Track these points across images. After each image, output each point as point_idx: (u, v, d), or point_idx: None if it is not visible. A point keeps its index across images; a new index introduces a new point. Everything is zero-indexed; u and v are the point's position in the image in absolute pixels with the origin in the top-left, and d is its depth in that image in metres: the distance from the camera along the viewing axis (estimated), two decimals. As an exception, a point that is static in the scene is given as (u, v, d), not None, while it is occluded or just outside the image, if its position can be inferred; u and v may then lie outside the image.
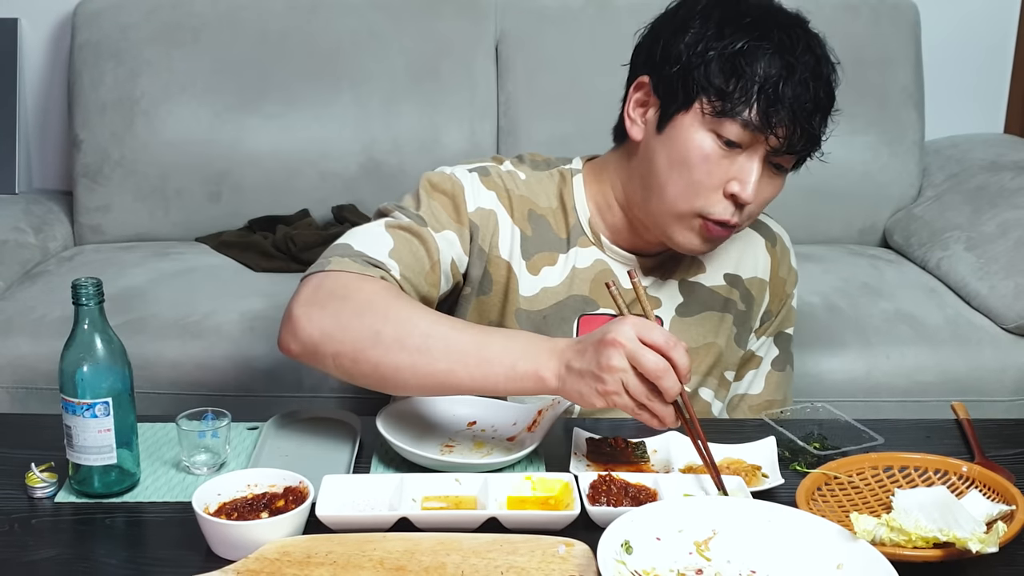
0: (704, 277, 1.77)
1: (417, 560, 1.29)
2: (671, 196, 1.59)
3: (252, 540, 1.30)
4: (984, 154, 3.06)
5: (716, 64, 1.53)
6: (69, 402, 1.41)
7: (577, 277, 1.71)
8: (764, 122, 1.52)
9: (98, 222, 2.97)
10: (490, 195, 1.68)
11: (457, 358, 1.46)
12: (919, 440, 1.64)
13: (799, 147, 1.56)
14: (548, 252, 1.71)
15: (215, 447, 1.53)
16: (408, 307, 1.51)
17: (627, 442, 1.57)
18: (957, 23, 3.25)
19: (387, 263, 1.58)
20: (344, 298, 1.51)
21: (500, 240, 1.69)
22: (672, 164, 1.58)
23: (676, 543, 1.30)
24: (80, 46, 2.97)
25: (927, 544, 1.28)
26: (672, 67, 1.56)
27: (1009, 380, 2.44)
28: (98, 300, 1.40)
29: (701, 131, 1.55)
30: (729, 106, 1.52)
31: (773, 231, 1.83)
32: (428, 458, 1.50)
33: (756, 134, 1.53)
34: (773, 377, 1.84)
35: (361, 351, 1.48)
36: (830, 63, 1.59)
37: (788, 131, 1.53)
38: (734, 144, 1.54)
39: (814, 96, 1.53)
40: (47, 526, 1.40)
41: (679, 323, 1.75)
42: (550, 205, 1.72)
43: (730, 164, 1.56)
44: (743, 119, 1.52)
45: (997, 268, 2.57)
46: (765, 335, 1.83)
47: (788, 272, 1.83)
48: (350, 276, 1.54)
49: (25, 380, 2.39)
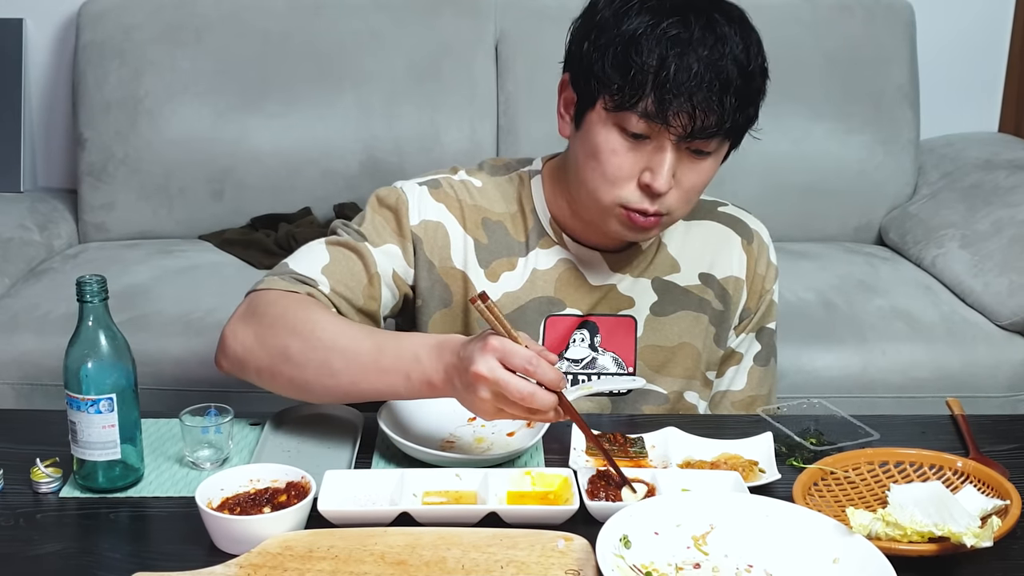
0: (678, 277, 1.75)
1: (418, 554, 1.29)
2: (591, 189, 1.57)
3: (255, 535, 1.30)
4: (979, 153, 3.06)
5: (610, 58, 1.50)
6: (74, 398, 1.41)
7: (539, 279, 1.70)
8: (660, 111, 1.47)
9: (102, 220, 2.97)
10: (439, 207, 1.68)
11: (357, 371, 1.49)
12: (914, 436, 1.64)
13: (713, 130, 1.50)
14: (506, 258, 1.70)
15: (218, 443, 1.53)
16: (316, 321, 1.53)
17: (625, 437, 1.57)
18: (952, 23, 3.25)
19: (317, 279, 1.61)
20: (263, 316, 1.56)
21: (452, 251, 1.69)
22: (587, 158, 1.57)
23: (674, 537, 1.30)
24: (84, 46, 2.97)
25: (922, 539, 1.29)
26: (580, 63, 1.56)
27: (1003, 376, 2.44)
28: (102, 297, 1.40)
29: (607, 126, 1.53)
30: (625, 99, 1.49)
31: (750, 228, 1.79)
32: (429, 453, 1.50)
33: (657, 124, 1.49)
34: (755, 372, 1.83)
35: (277, 367, 1.53)
36: (742, 39, 1.51)
37: (690, 116, 1.48)
38: (640, 135, 1.51)
39: (716, 77, 1.47)
40: (52, 520, 1.40)
41: (654, 322, 1.74)
42: (508, 210, 1.71)
43: (640, 155, 1.53)
44: (640, 111, 1.49)
45: (991, 265, 2.57)
46: (745, 332, 1.81)
47: (767, 268, 1.80)
48: (276, 294, 1.58)
49: (30, 376, 2.39)
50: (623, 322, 1.73)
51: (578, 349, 1.72)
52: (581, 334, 1.71)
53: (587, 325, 1.72)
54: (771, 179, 2.93)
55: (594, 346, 1.72)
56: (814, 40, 3.01)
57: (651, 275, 1.74)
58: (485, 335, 1.37)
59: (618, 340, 1.73)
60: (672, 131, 1.49)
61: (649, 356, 1.74)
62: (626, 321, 1.73)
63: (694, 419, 1.72)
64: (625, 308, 1.72)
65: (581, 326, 1.72)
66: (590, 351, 1.72)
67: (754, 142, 1.62)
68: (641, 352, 1.73)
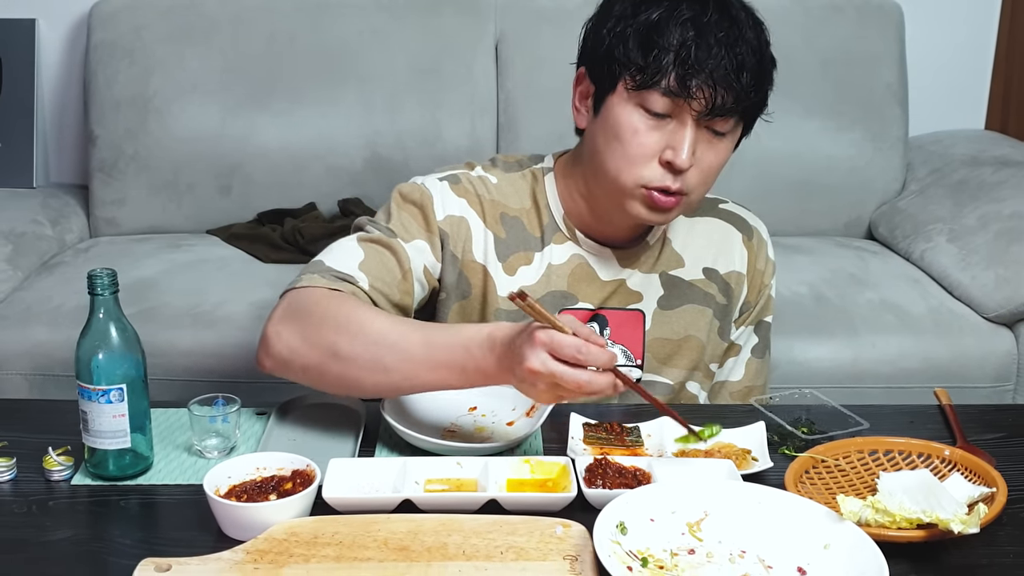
0: (683, 271, 1.76)
1: (420, 540, 1.29)
2: (612, 172, 1.59)
3: (261, 521, 1.30)
4: (966, 150, 3.05)
5: (632, 41, 1.54)
6: (85, 388, 1.41)
7: (554, 273, 1.71)
8: (683, 87, 1.51)
9: (113, 215, 2.97)
10: (461, 202, 1.69)
11: (410, 368, 1.47)
12: (903, 425, 1.64)
13: (729, 108, 1.54)
14: (523, 252, 1.71)
15: (225, 432, 1.53)
16: (363, 318, 1.51)
17: (622, 427, 1.57)
18: (940, 24, 3.24)
19: (356, 276, 1.60)
20: (309, 315, 1.54)
21: (473, 245, 1.69)
22: (608, 142, 1.58)
23: (669, 524, 1.30)
24: (95, 46, 2.96)
25: (911, 525, 1.29)
26: (598, 51, 1.59)
27: (990, 367, 2.44)
28: (113, 290, 1.40)
29: (628, 106, 1.56)
30: (647, 78, 1.52)
31: (750, 225, 1.82)
32: (431, 442, 1.50)
33: (678, 100, 1.52)
34: (752, 364, 1.84)
35: (325, 365, 1.51)
36: (752, 25, 1.56)
37: (711, 93, 1.51)
38: (661, 115, 1.54)
39: (733, 57, 1.52)
40: (64, 508, 1.40)
41: (661, 315, 1.75)
42: (523, 206, 1.72)
43: (661, 134, 1.55)
44: (662, 88, 1.52)
45: (978, 259, 2.56)
46: (745, 325, 1.83)
47: (766, 264, 1.82)
48: (319, 292, 1.56)
49: (43, 367, 2.38)
50: (632, 316, 1.74)
51: None
52: (592, 327, 1.71)
53: (598, 318, 1.73)
54: (765, 175, 2.92)
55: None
56: (806, 41, 3.01)
57: (658, 270, 1.75)
58: (532, 329, 1.36)
59: (627, 333, 1.74)
60: (694, 106, 1.52)
61: (657, 348, 1.75)
62: (635, 315, 1.74)
63: (689, 409, 1.72)
64: (634, 302, 1.74)
65: (592, 319, 1.73)
66: None
67: (748, 142, 1.63)
68: (649, 344, 1.74)
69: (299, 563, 1.25)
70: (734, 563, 1.27)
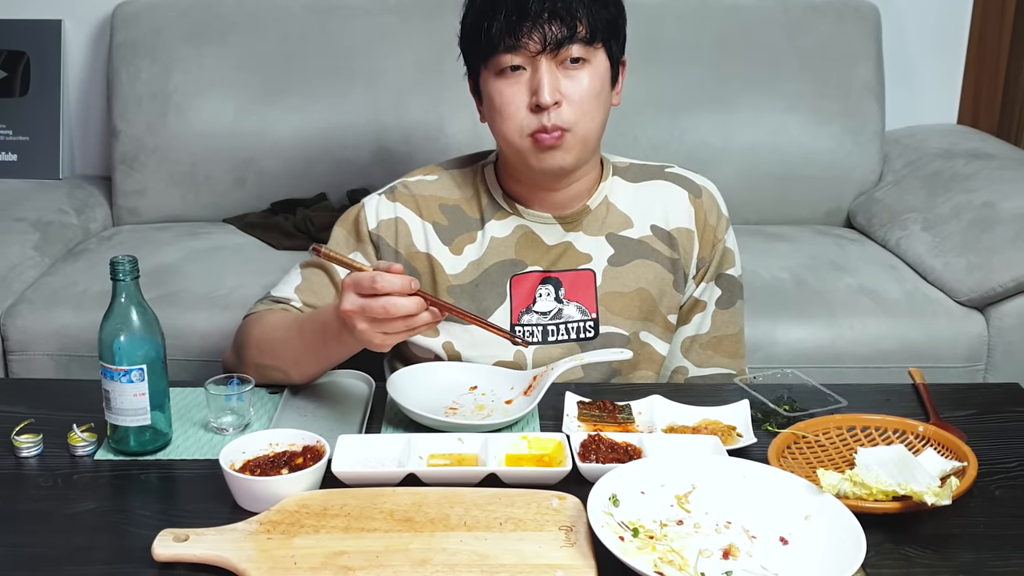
0: (632, 231, 1.77)
1: (424, 512, 1.29)
2: (505, 137, 1.65)
3: (274, 494, 1.30)
4: (939, 143, 3.04)
5: (472, 28, 1.64)
6: (107, 368, 1.40)
7: (498, 245, 1.75)
8: (515, 37, 1.58)
9: (135, 205, 2.96)
10: (394, 206, 1.78)
11: (299, 355, 1.61)
12: (879, 403, 1.63)
13: (565, 37, 1.58)
14: (467, 233, 1.77)
15: (240, 409, 1.52)
16: (267, 333, 1.65)
17: (614, 405, 1.57)
18: (914, 23, 3.23)
19: (291, 298, 1.73)
20: (242, 343, 1.69)
21: (413, 238, 1.76)
22: (493, 117, 1.66)
23: (659, 496, 1.30)
24: (118, 45, 2.95)
25: (887, 497, 1.29)
26: (464, 53, 1.70)
27: (961, 348, 2.43)
28: (134, 276, 1.40)
29: (491, 78, 1.64)
30: (489, 46, 1.60)
31: (697, 184, 1.81)
32: (434, 419, 1.50)
33: (521, 51, 1.58)
34: (719, 315, 1.83)
35: (259, 372, 1.63)
36: None
37: (543, 29, 1.57)
38: (515, 67, 1.60)
39: None
40: (87, 481, 1.40)
41: (611, 271, 1.76)
42: (463, 195, 1.78)
43: (522, 85, 1.61)
44: (501, 47, 1.59)
45: (951, 247, 2.55)
46: (705, 280, 1.81)
47: (717, 219, 1.80)
48: (252, 318, 1.71)
49: (68, 348, 2.38)
50: (583, 275, 1.75)
51: (545, 302, 1.75)
52: (546, 289, 1.75)
53: (551, 280, 1.75)
54: (749, 167, 2.91)
55: (559, 298, 1.75)
56: (787, 40, 2.99)
57: (605, 231, 1.77)
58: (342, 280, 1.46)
59: (580, 291, 1.75)
60: (532, 48, 1.58)
61: (609, 302, 1.76)
62: (586, 274, 1.75)
63: (678, 388, 1.72)
64: (584, 263, 1.75)
65: (545, 282, 1.75)
66: (556, 303, 1.75)
67: (734, 135, 1.63)
68: (602, 299, 1.76)
69: (310, 533, 1.24)
70: (720, 533, 1.26)
